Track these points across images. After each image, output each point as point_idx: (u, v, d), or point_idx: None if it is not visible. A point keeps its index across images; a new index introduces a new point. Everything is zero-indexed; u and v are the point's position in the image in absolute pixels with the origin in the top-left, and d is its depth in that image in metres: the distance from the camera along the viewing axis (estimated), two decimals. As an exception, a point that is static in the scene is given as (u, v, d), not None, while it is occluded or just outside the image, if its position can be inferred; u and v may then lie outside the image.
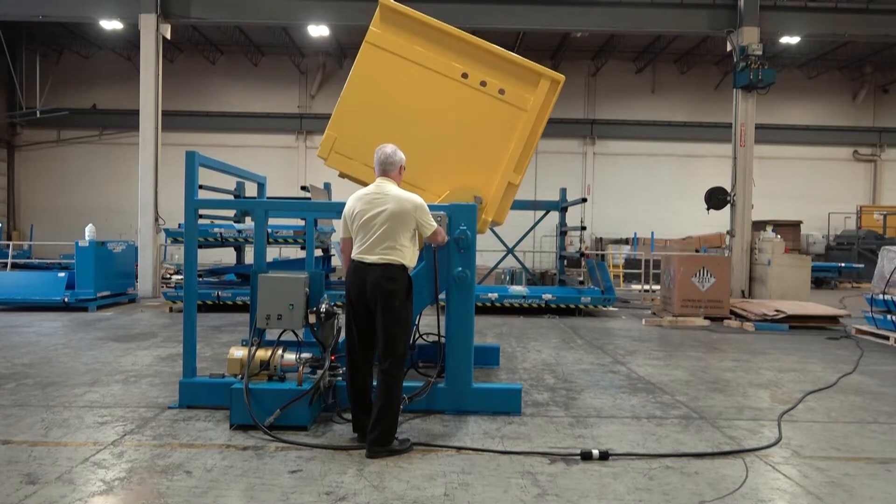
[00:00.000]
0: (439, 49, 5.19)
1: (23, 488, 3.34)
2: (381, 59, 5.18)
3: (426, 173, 5.14)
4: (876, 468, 3.90)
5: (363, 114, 5.19)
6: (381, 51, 5.18)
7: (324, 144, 5.16)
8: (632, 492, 3.45)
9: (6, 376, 5.91)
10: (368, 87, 5.21)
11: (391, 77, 5.19)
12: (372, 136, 4.98)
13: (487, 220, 5.21)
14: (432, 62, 5.18)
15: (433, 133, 5.21)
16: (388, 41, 5.18)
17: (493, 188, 5.20)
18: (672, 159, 23.24)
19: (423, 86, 5.19)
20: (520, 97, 5.22)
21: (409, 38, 5.19)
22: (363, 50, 5.19)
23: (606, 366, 6.87)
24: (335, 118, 5.21)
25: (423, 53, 5.18)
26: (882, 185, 24.06)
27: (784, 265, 12.83)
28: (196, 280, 4.97)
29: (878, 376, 6.58)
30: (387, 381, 3.99)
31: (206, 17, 14.47)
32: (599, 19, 14.77)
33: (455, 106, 5.21)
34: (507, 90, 5.21)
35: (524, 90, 5.22)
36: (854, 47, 21.01)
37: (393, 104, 5.21)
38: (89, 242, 10.91)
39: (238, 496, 3.32)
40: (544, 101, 5.25)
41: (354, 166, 5.13)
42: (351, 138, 5.14)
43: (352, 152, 5.13)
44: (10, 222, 22.85)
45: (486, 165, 5.21)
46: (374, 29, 5.21)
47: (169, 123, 15.30)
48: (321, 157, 5.18)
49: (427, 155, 5.15)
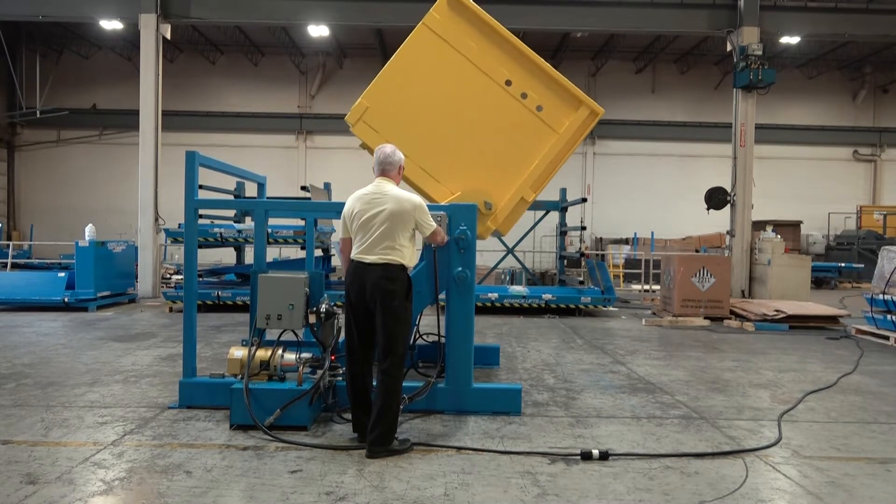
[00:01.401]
0: (491, 50, 5.18)
1: (23, 488, 3.34)
2: (433, 45, 5.16)
3: (445, 167, 5.14)
4: (876, 468, 3.89)
5: (400, 92, 5.18)
6: (435, 36, 5.16)
7: (354, 111, 5.13)
8: (632, 492, 3.45)
9: (6, 376, 5.91)
10: (412, 68, 5.20)
11: (437, 64, 5.18)
12: (403, 115, 5.04)
13: (491, 228, 5.21)
14: (481, 61, 5.17)
15: (462, 129, 5.20)
16: (446, 29, 5.16)
17: (506, 199, 5.19)
18: (672, 159, 23.25)
19: (466, 81, 5.18)
20: (555, 118, 5.21)
21: (467, 32, 5.17)
22: (418, 30, 5.18)
23: (606, 366, 6.87)
24: (372, 89, 5.18)
25: (475, 50, 5.16)
26: (882, 185, 24.06)
27: (784, 265, 12.83)
28: (196, 280, 4.97)
29: (878, 376, 6.58)
30: (386, 381, 3.99)
31: (206, 17, 14.47)
32: (599, 19, 14.76)
33: (491, 109, 5.20)
34: (546, 108, 5.20)
35: (561, 112, 5.22)
36: (854, 47, 21.02)
37: (431, 90, 5.20)
38: (89, 242, 10.90)
39: (238, 496, 3.32)
40: (578, 128, 5.25)
41: (377, 140, 5.08)
42: (382, 112, 5.12)
43: (379, 125, 5.12)
44: (10, 222, 22.85)
45: (505, 175, 5.19)
46: (434, 14, 5.18)
47: (169, 123, 15.30)
48: (348, 122, 5.14)
49: (451, 149, 5.16)
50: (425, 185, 5.15)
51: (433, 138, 5.11)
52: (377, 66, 20.13)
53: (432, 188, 5.15)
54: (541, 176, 5.26)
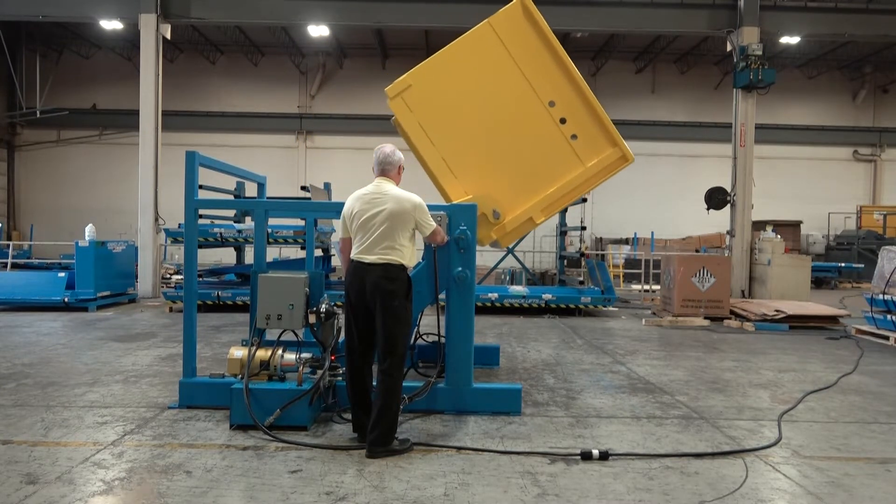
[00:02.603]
0: (545, 67, 5.18)
1: (23, 488, 3.34)
2: (491, 45, 5.16)
3: (466, 165, 5.14)
4: (876, 468, 3.89)
5: (444, 81, 5.18)
6: (496, 38, 5.15)
7: (396, 85, 5.12)
8: (632, 492, 3.45)
9: (6, 376, 5.91)
10: (463, 61, 5.20)
11: (488, 65, 5.18)
12: (441, 103, 5.08)
13: (492, 238, 5.20)
14: (532, 75, 5.17)
15: (493, 134, 5.19)
16: (509, 35, 5.16)
17: (515, 214, 5.18)
18: (672, 159, 23.24)
19: (511, 90, 5.18)
20: (586, 151, 5.21)
21: (527, 43, 5.17)
22: (481, 27, 5.18)
23: (606, 366, 6.87)
24: (419, 69, 5.19)
25: (529, 63, 5.17)
26: (882, 185, 24.06)
27: (784, 265, 12.83)
28: (196, 280, 4.96)
29: (878, 376, 6.58)
30: (386, 381, 3.99)
31: (206, 17, 14.47)
32: (599, 19, 14.76)
33: (527, 124, 5.20)
34: (580, 138, 5.20)
35: (594, 147, 5.22)
36: (854, 47, 21.01)
37: (475, 88, 5.19)
38: (89, 242, 10.90)
39: (238, 496, 3.32)
40: (606, 167, 5.25)
41: (410, 120, 5.11)
42: (422, 94, 5.12)
43: (415, 106, 5.11)
44: (10, 222, 22.85)
45: (521, 191, 5.18)
46: (502, 17, 5.19)
47: (169, 123, 15.30)
48: (387, 93, 5.13)
49: (477, 150, 5.16)
50: (442, 177, 5.15)
51: (462, 134, 5.11)
52: (377, 66, 20.32)
53: (448, 182, 5.14)
54: (555, 202, 5.27)
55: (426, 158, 5.13)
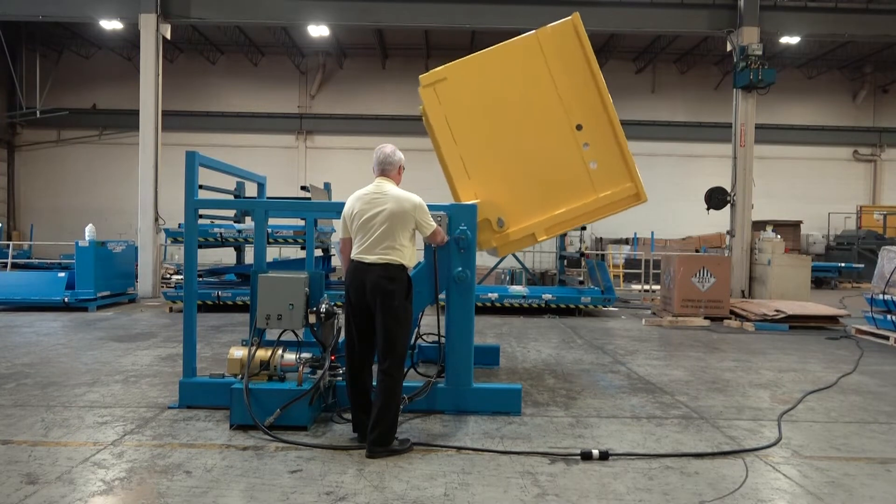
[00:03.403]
0: (580, 90, 5.18)
1: (23, 488, 3.34)
2: (533, 57, 5.18)
3: (482, 169, 5.14)
4: (876, 468, 3.89)
5: (479, 81, 5.20)
6: (539, 51, 5.18)
7: (432, 75, 5.14)
8: (632, 492, 3.45)
9: (6, 376, 5.91)
10: (502, 66, 5.22)
11: (526, 75, 5.19)
12: (471, 102, 5.11)
13: (491, 244, 5.20)
14: (566, 95, 5.17)
15: (515, 145, 5.19)
16: (553, 50, 5.18)
17: (519, 227, 5.17)
18: (672, 159, 23.23)
19: (542, 105, 5.19)
20: (602, 181, 5.21)
21: (568, 62, 5.18)
22: (528, 38, 5.20)
23: (606, 366, 6.87)
24: (457, 65, 5.20)
25: (566, 82, 5.17)
26: (882, 185, 24.05)
27: (784, 265, 12.82)
28: (196, 280, 4.96)
29: (878, 376, 6.58)
30: (386, 381, 3.99)
31: (206, 17, 14.47)
32: (599, 19, 14.74)
33: (550, 141, 5.20)
34: (599, 167, 5.20)
35: (610, 179, 5.22)
36: (854, 47, 21.01)
37: (507, 95, 5.20)
38: (89, 242, 10.90)
39: (238, 496, 3.32)
40: (617, 201, 5.25)
41: (437, 112, 5.12)
42: (454, 90, 5.13)
43: (445, 99, 5.12)
44: (10, 222, 22.85)
45: (530, 206, 5.17)
46: (550, 31, 5.22)
47: (169, 123, 15.29)
48: (421, 81, 5.15)
49: (496, 156, 5.16)
50: (456, 176, 5.16)
51: (485, 137, 5.11)
52: (377, 66, 20.32)
53: (461, 182, 5.15)
54: (560, 224, 5.27)
55: (445, 154, 5.15)
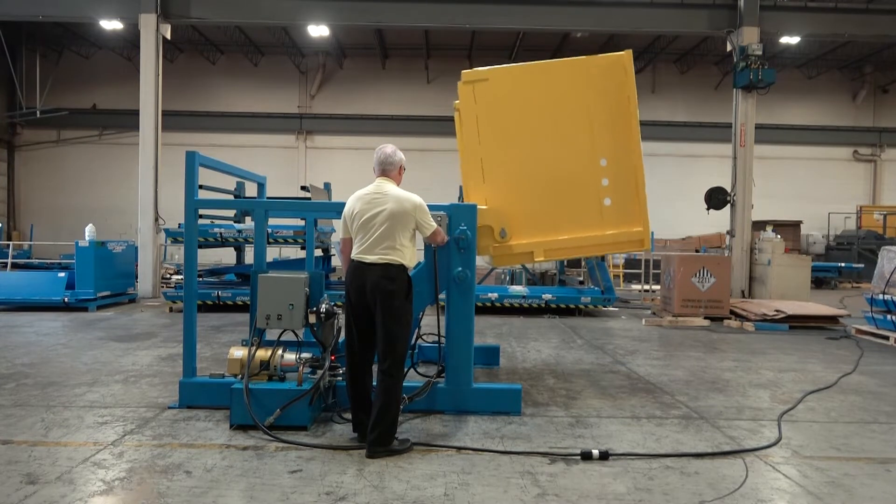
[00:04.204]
0: (613, 127, 5.18)
1: (23, 488, 3.34)
2: (578, 81, 5.20)
3: (497, 176, 5.15)
4: (876, 468, 3.89)
5: (518, 91, 5.22)
6: (585, 78, 5.19)
7: (475, 73, 5.17)
8: (632, 492, 3.44)
9: (6, 376, 5.91)
10: (544, 82, 5.24)
11: (565, 96, 5.21)
12: (505, 109, 5.13)
13: (489, 252, 5.19)
14: (598, 128, 5.18)
15: (536, 161, 5.19)
16: (598, 79, 5.18)
17: (520, 242, 5.18)
18: (672, 159, 23.22)
19: (574, 131, 5.20)
20: (612, 218, 5.21)
21: (607, 95, 5.18)
22: (576, 61, 5.22)
23: (606, 365, 6.87)
24: (501, 70, 5.24)
25: (601, 115, 5.17)
26: (882, 185, 24.06)
27: (784, 265, 12.82)
28: (196, 280, 4.96)
29: (878, 376, 6.58)
30: (386, 381, 3.99)
31: (206, 17, 14.46)
32: (599, 19, 14.75)
33: (572, 168, 5.20)
34: (612, 205, 5.19)
35: (619, 218, 5.21)
36: (854, 47, 21.01)
37: (544, 111, 5.21)
38: (89, 242, 10.90)
39: (238, 496, 3.32)
40: (620, 242, 5.26)
41: (470, 110, 5.14)
42: (493, 93, 5.15)
43: (481, 100, 5.14)
44: (10, 222, 22.85)
45: (535, 224, 5.17)
46: (599, 60, 5.22)
47: (169, 123, 15.30)
48: (463, 77, 5.17)
49: (514, 167, 5.17)
50: (471, 177, 5.17)
51: (509, 146, 5.12)
52: (377, 66, 20.32)
53: (474, 183, 5.17)
54: (560, 250, 5.28)
55: (466, 153, 5.18)
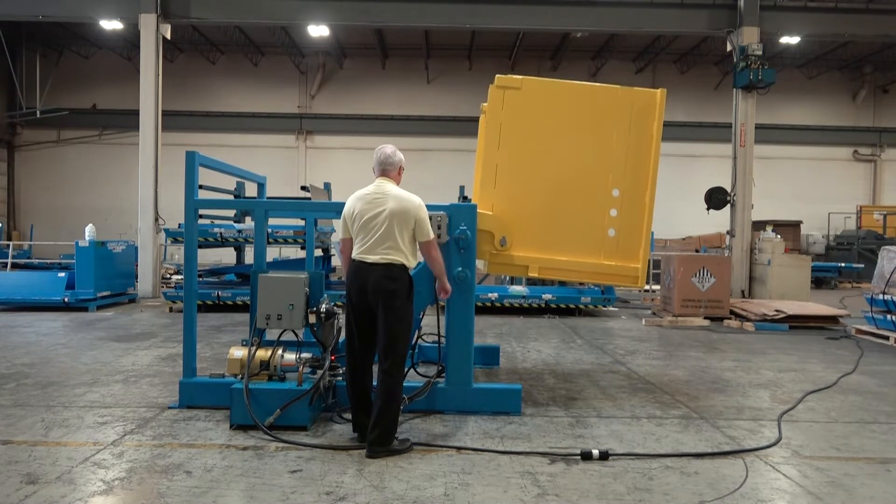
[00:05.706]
0: (634, 159, 5.21)
1: (23, 488, 3.34)
2: (611, 108, 5.22)
3: (509, 185, 5.16)
4: (876, 468, 3.90)
5: (548, 106, 5.24)
6: (619, 107, 5.21)
7: (509, 79, 5.17)
8: (632, 492, 3.45)
9: (6, 376, 5.91)
10: (576, 102, 5.27)
11: (594, 122, 5.22)
12: (531, 120, 5.16)
13: (485, 258, 5.20)
14: (619, 158, 5.20)
15: (549, 178, 5.21)
16: (630, 111, 5.20)
17: (518, 254, 5.19)
18: (672, 159, 23.09)
19: (593, 156, 5.22)
20: (612, 249, 5.22)
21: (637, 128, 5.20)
22: (615, 91, 5.24)
23: (606, 365, 6.87)
24: (536, 81, 5.26)
25: (624, 147, 5.19)
26: (882, 185, 24.06)
27: (784, 265, 12.82)
28: (196, 280, 4.97)
29: (878, 376, 6.58)
30: (387, 381, 3.99)
31: (206, 17, 14.46)
32: (599, 19, 14.76)
33: (583, 191, 5.22)
34: (615, 236, 5.22)
35: (619, 250, 5.22)
36: (854, 47, 21.02)
37: (566, 130, 5.23)
38: (89, 242, 10.90)
39: (238, 496, 3.32)
40: (615, 274, 5.27)
41: (496, 114, 5.16)
42: (522, 102, 5.17)
43: (509, 107, 5.16)
44: (10, 222, 22.85)
45: (536, 240, 5.19)
46: (639, 95, 5.25)
47: (169, 123, 15.30)
48: (497, 81, 5.16)
49: (528, 179, 5.19)
50: (484, 180, 5.19)
51: (526, 158, 5.14)
52: (377, 66, 20.30)
53: (485, 188, 5.18)
54: (555, 270, 5.29)
55: (484, 155, 5.20)
